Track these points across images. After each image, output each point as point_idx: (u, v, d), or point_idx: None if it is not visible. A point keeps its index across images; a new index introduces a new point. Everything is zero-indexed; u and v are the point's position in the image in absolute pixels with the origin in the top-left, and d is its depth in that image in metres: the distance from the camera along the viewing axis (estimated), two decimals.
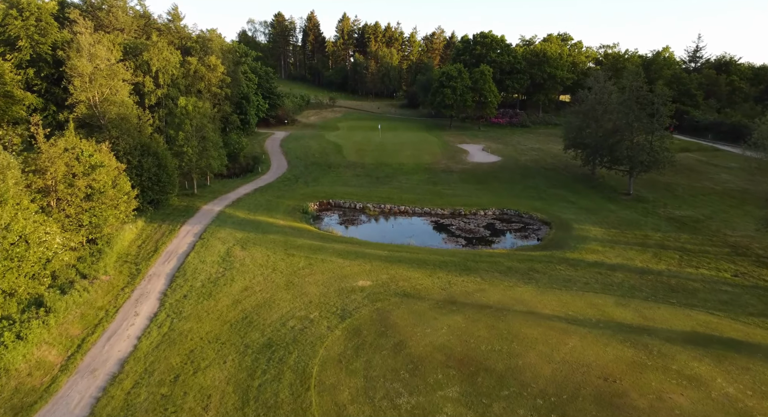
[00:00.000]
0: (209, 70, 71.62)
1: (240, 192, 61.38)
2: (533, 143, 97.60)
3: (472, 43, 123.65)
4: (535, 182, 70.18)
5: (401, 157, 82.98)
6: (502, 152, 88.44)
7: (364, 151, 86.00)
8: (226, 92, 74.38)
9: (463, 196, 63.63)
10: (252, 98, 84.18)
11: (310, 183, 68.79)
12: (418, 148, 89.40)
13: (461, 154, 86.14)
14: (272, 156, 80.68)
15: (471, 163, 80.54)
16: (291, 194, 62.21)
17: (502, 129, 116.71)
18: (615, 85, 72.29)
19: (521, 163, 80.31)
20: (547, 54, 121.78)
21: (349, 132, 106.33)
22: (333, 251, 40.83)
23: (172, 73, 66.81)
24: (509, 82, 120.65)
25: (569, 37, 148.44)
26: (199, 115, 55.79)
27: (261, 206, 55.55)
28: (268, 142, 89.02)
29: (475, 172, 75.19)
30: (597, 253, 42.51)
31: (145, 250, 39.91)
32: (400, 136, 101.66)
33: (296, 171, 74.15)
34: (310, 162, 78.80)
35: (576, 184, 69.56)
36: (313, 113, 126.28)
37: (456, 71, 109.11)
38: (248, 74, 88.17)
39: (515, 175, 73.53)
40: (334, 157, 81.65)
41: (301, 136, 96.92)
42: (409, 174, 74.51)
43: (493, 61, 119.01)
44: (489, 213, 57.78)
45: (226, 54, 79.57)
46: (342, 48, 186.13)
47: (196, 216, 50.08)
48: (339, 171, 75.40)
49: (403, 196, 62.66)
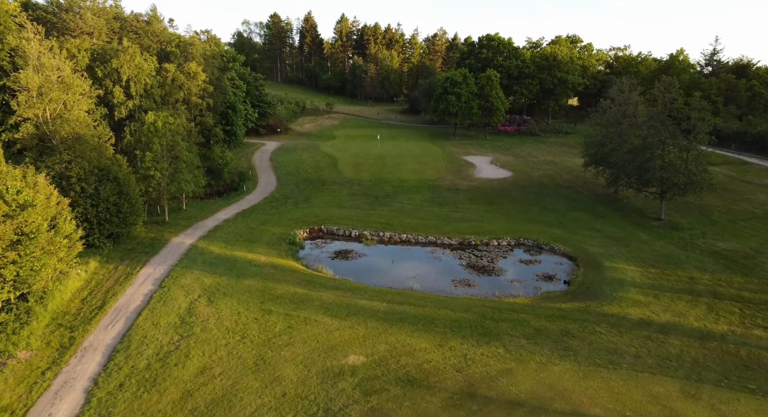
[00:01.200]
0: (189, 78, 64.35)
1: (219, 217, 54.07)
2: (545, 155, 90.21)
3: (478, 46, 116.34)
4: (552, 203, 62.80)
5: (402, 172, 75.66)
6: (512, 166, 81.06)
7: (361, 166, 78.66)
8: (208, 102, 67.03)
9: (473, 220, 56.28)
10: (239, 107, 76.93)
11: (301, 204, 61.47)
12: (420, 162, 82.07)
13: (468, 169, 78.77)
14: (260, 172, 73.31)
15: (479, 179, 73.17)
16: (278, 219, 54.91)
17: (510, 138, 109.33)
18: (641, 95, 64.98)
19: (535, 179, 72.90)
20: (558, 58, 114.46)
21: (346, 142, 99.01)
22: (320, 304, 33.47)
23: (145, 81, 59.56)
24: (517, 88, 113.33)
25: (578, 39, 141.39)
26: (170, 132, 48.43)
27: (241, 236, 48.24)
28: (257, 155, 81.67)
29: (484, 191, 67.83)
30: (640, 305, 35.11)
31: (89, 306, 32.54)
32: (401, 147, 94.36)
33: (286, 189, 66.82)
34: (302, 178, 71.44)
35: (598, 205, 62.19)
36: (308, 120, 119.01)
37: (461, 77, 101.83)
38: (235, 81, 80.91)
39: (529, 195, 66.16)
40: (328, 173, 74.30)
41: (293, 147, 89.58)
42: (411, 192, 67.19)
43: (500, 66, 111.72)
44: (504, 243, 50.41)
45: (209, 60, 72.30)
46: (340, 50, 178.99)
47: (162, 252, 42.73)
48: (333, 189, 68.06)
49: (405, 222, 55.34)
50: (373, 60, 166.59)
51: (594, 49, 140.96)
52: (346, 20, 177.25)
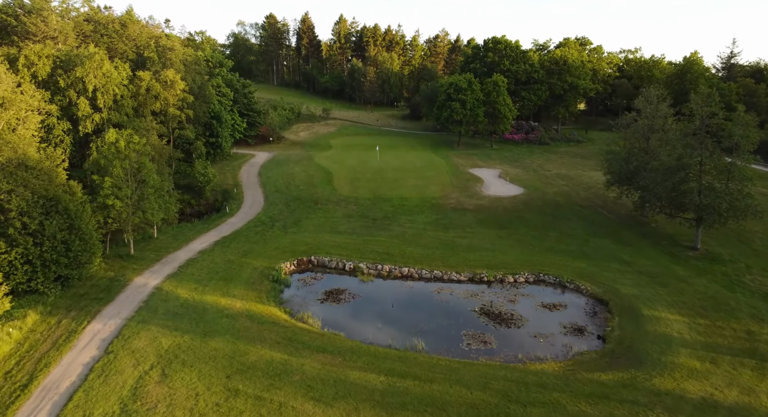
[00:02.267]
0: (166, 88, 57.71)
1: (195, 248, 47.42)
2: (557, 167, 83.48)
3: (483, 49, 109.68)
4: (571, 227, 56.11)
5: (403, 189, 68.98)
6: (523, 181, 74.32)
7: (358, 181, 71.96)
8: (188, 114, 60.39)
9: (483, 249, 49.61)
10: (225, 117, 70.32)
11: (290, 228, 54.81)
12: (422, 176, 75.40)
13: (475, 184, 72.05)
14: (246, 189, 66.59)
15: (488, 197, 66.45)
16: (262, 248, 48.29)
17: (517, 147, 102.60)
18: (670, 107, 58.42)
19: (549, 197, 66.17)
20: (568, 61, 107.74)
21: (343, 152, 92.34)
22: (301, 380, 26.79)
23: (114, 92, 52.93)
24: (525, 94, 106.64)
25: (588, 41, 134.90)
26: (135, 152, 41.76)
27: (216, 274, 41.62)
28: (244, 168, 74.94)
29: (494, 211, 61.12)
30: (698, 376, 28.41)
31: (11, 385, 25.89)
32: (402, 158, 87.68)
33: (274, 210, 60.13)
34: (293, 196, 64.74)
35: (623, 230, 55.49)
36: (303, 127, 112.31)
37: (466, 82, 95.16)
38: (222, 89, 74.28)
39: (545, 216, 59.46)
40: (322, 190, 67.60)
41: (285, 159, 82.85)
42: (413, 213, 60.51)
43: (507, 70, 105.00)
44: (521, 280, 43.74)
45: (191, 66, 65.68)
46: (338, 52, 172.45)
47: (119, 298, 36.10)
48: (327, 209, 61.38)
49: (406, 251, 48.71)
50: (372, 62, 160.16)
51: (604, 51, 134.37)
52: (345, 21, 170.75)
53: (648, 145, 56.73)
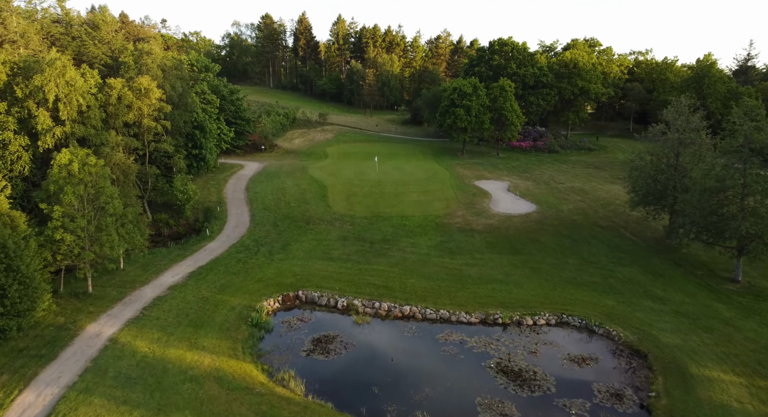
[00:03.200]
0: (139, 96, 51.71)
1: (165, 281, 41.48)
2: (571, 179, 77.46)
3: (489, 51, 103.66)
4: (592, 253, 50.11)
5: (404, 205, 63.01)
6: (534, 195, 68.29)
7: (355, 196, 65.97)
8: (165, 125, 54.40)
9: (496, 281, 43.64)
10: (210, 127, 64.35)
11: (277, 254, 48.84)
12: (425, 189, 69.40)
13: (482, 200, 66.03)
14: (231, 206, 60.58)
15: (497, 215, 60.44)
16: (242, 281, 42.37)
17: (525, 156, 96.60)
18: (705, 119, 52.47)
19: (565, 216, 60.17)
20: (579, 64, 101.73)
21: (340, 162, 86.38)
22: None
23: (79, 102, 46.97)
24: (533, 99, 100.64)
25: (597, 42, 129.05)
26: (92, 175, 35.80)
27: (186, 316, 35.72)
28: (231, 182, 68.86)
29: (505, 232, 55.13)
30: None
31: None
32: (402, 169, 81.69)
33: (260, 232, 54.15)
34: (282, 215, 58.75)
35: (650, 256, 49.49)
36: (298, 134, 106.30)
37: (470, 87, 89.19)
38: (207, 95, 68.30)
39: (562, 239, 53.48)
40: (315, 207, 61.61)
41: (277, 170, 76.80)
42: (415, 235, 54.56)
43: (515, 74, 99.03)
44: (541, 322, 37.76)
45: (170, 72, 59.66)
46: (336, 54, 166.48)
47: (63, 355, 30.15)
48: (320, 230, 55.41)
49: (408, 283, 42.77)
50: (372, 64, 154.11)
51: (614, 53, 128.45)
52: (343, 22, 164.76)
53: (678, 161, 50.72)
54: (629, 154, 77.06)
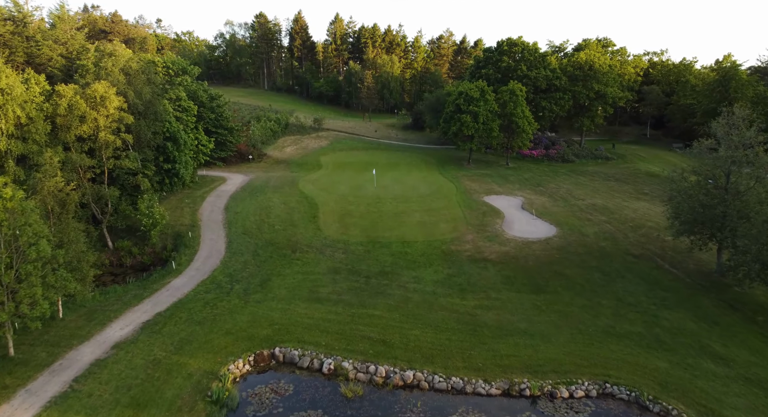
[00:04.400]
0: (95, 106, 43.80)
1: (111, 336, 33.59)
2: (591, 194, 69.49)
3: (497, 52, 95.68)
4: (629, 291, 42.18)
5: (405, 228, 55.12)
6: (553, 215, 60.34)
7: (350, 216, 58.07)
8: (126, 139, 46.50)
9: (518, 332, 35.74)
10: (184, 138, 56.39)
11: (253, 293, 40.92)
12: (429, 208, 61.48)
13: (494, 220, 58.11)
14: (206, 231, 52.62)
15: (512, 240, 52.51)
16: (207, 333, 34.49)
17: (537, 166, 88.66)
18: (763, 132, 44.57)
19: (590, 241, 52.24)
20: (594, 66, 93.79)
21: (334, 174, 78.45)
22: None
23: (17, 114, 39.07)
24: (546, 103, 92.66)
25: (610, 42, 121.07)
26: (10, 212, 27.86)
27: (128, 391, 27.83)
28: (209, 201, 60.81)
29: (524, 264, 47.19)
30: None
31: None
32: (403, 182, 73.78)
33: (236, 263, 46.23)
34: (265, 241, 50.85)
35: (698, 295, 41.56)
36: (291, 141, 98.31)
37: (477, 91, 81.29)
38: (182, 102, 60.39)
39: (591, 272, 45.55)
40: (303, 230, 53.71)
41: (263, 184, 68.80)
42: (419, 266, 46.65)
43: (525, 77, 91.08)
44: (579, 393, 29.86)
45: (137, 76, 51.76)
46: (334, 54, 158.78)
47: None
48: (307, 260, 47.49)
49: (410, 335, 34.90)
50: (371, 65, 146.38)
51: (629, 54, 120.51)
52: (341, 21, 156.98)
53: (728, 182, 42.74)
54: (664, 170, 68.78)
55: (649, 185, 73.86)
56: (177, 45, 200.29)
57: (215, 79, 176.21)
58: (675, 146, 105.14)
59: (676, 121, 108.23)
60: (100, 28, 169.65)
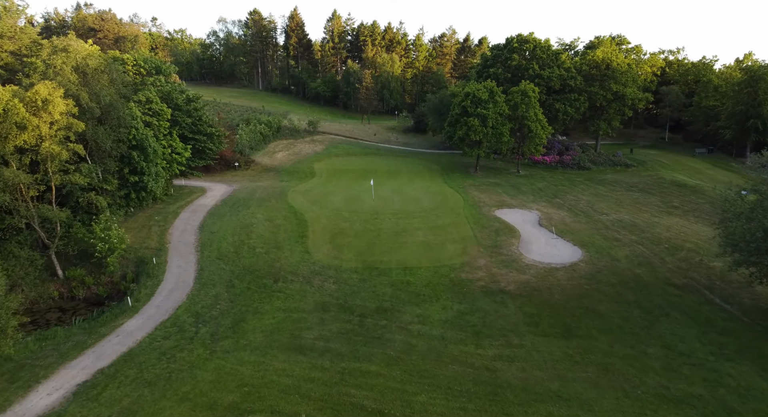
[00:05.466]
0: (37, 111, 36.47)
1: (34, 405, 26.47)
2: (615, 208, 62.09)
3: (506, 50, 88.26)
4: (678, 335, 34.84)
5: (407, 250, 47.78)
6: (575, 233, 52.97)
7: (344, 235, 50.73)
8: (75, 150, 39.16)
9: (552, 398, 28.38)
10: (153, 146, 49.05)
11: (223, 339, 33.62)
12: (434, 225, 54.12)
13: (509, 240, 50.73)
14: (174, 256, 45.19)
15: (532, 265, 45.14)
16: (157, 400, 27.22)
17: (551, 173, 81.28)
18: None
19: (623, 268, 44.83)
20: (612, 65, 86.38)
21: (328, 183, 71.11)
22: None
23: None
24: (560, 106, 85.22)
25: (625, 40, 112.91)
26: None
27: None
28: (182, 217, 53.35)
29: (548, 297, 39.81)
30: None
31: None
32: (405, 193, 66.43)
33: (205, 298, 38.87)
34: (242, 268, 43.49)
35: (761, 339, 34.14)
36: (283, 146, 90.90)
37: (486, 92, 73.89)
38: (154, 105, 53.03)
39: (629, 309, 38.17)
40: (288, 253, 46.36)
41: (247, 197, 61.41)
42: (424, 300, 39.34)
43: (537, 76, 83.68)
44: None
45: (96, 75, 44.44)
46: (331, 53, 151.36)
47: None
48: (291, 292, 40.17)
49: (414, 403, 27.74)
50: (370, 65, 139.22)
51: (645, 52, 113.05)
52: (339, 18, 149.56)
53: None
54: (711, 185, 60.72)
55: (678, 197, 66.44)
56: (169, 43, 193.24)
57: (208, 78, 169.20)
58: (698, 151, 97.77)
59: (698, 124, 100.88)
60: (89, 26, 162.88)
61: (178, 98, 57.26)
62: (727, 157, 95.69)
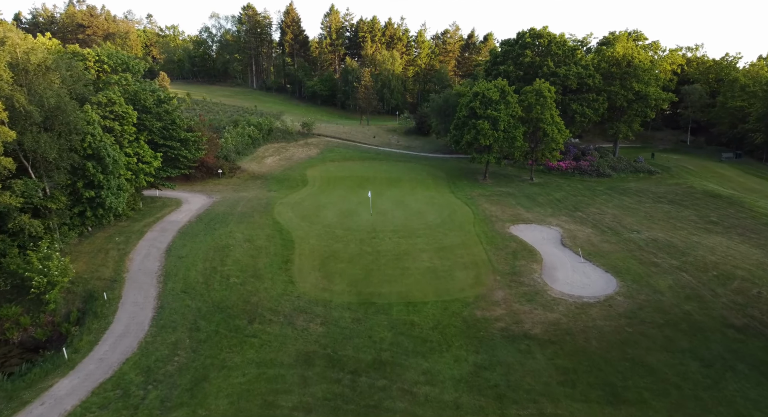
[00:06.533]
0: None
1: None
2: (646, 223, 54.71)
3: (518, 46, 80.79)
4: (751, 399, 27.59)
5: (411, 278, 40.46)
6: (604, 255, 45.57)
7: (336, 260, 43.36)
8: (6, 166, 31.81)
9: None
10: (113, 155, 41.68)
11: (175, 409, 26.45)
12: (441, 246, 46.74)
13: (529, 265, 43.36)
14: (130, 289, 37.74)
15: (560, 299, 37.78)
16: None
17: (567, 181, 73.92)
18: None
19: (668, 303, 37.46)
20: (634, 62, 78.93)
21: (321, 194, 63.79)
22: None
23: None
24: (577, 106, 77.72)
25: (642, 35, 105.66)
26: None
27: None
28: (148, 238, 45.87)
29: (583, 344, 32.47)
30: None
31: None
32: (407, 205, 59.11)
33: (161, 348, 31.52)
34: (212, 304, 36.11)
35: None
36: (273, 150, 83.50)
37: (497, 92, 66.54)
38: (117, 107, 45.66)
39: (684, 360, 30.85)
40: (269, 284, 38.99)
41: (227, 211, 53.99)
42: (431, 348, 32.09)
43: (553, 74, 76.27)
44: None
45: (40, 73, 37.09)
46: (329, 50, 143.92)
47: None
48: (268, 338, 32.85)
49: None
50: (370, 62, 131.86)
51: (664, 48, 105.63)
52: (337, 13, 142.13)
53: None
54: (754, 200, 52.94)
55: (715, 210, 59.09)
56: (160, 40, 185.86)
57: (200, 77, 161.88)
58: (725, 156, 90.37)
59: (723, 126, 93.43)
60: (78, 22, 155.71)
61: (148, 99, 49.89)
62: (757, 163, 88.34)
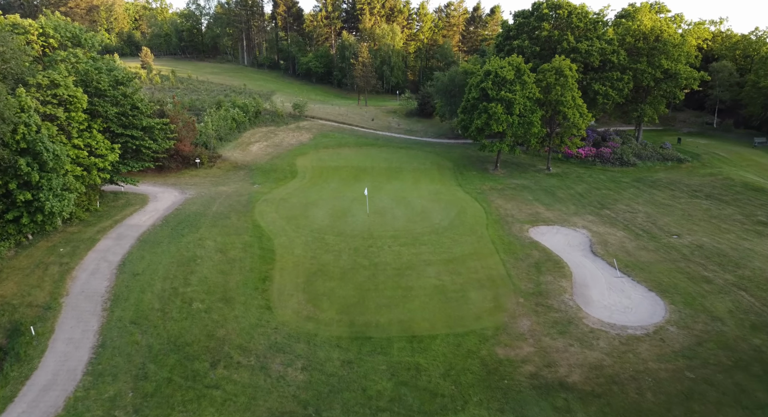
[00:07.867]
0: None
1: None
2: (685, 224, 47.23)
3: (534, 17, 71.97)
4: None
5: (415, 302, 33.19)
6: (643, 266, 38.25)
7: (324, 276, 35.97)
8: None
9: None
10: (53, 149, 33.93)
11: None
12: (451, 257, 39.35)
13: (556, 281, 36.04)
14: (67, 319, 30.29)
15: (599, 331, 30.58)
16: None
17: (588, 170, 66.23)
18: None
19: (732, 335, 30.29)
20: (663, 37, 70.34)
21: (311, 189, 56.14)
22: None
23: None
24: (599, 87, 69.29)
25: (664, 7, 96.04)
26: None
27: None
28: (100, 247, 38.24)
29: (637, 400, 25.40)
30: None
31: None
32: (409, 203, 51.59)
33: (96, 405, 24.42)
34: (166, 341, 28.80)
35: None
36: (261, 135, 75.40)
37: (512, 70, 58.41)
38: (62, 90, 37.63)
39: None
40: (240, 311, 31.66)
41: (200, 211, 46.31)
42: (444, 407, 25.27)
43: (573, 50, 67.77)
44: None
45: None
46: (324, 23, 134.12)
47: None
48: (234, 390, 25.71)
49: None
50: (368, 37, 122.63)
51: (690, 21, 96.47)
52: None
53: None
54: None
55: (761, 207, 51.66)
56: (146, 13, 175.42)
57: (189, 52, 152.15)
58: (757, 141, 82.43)
59: (754, 107, 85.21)
60: None
61: (102, 82, 41.68)
62: None
